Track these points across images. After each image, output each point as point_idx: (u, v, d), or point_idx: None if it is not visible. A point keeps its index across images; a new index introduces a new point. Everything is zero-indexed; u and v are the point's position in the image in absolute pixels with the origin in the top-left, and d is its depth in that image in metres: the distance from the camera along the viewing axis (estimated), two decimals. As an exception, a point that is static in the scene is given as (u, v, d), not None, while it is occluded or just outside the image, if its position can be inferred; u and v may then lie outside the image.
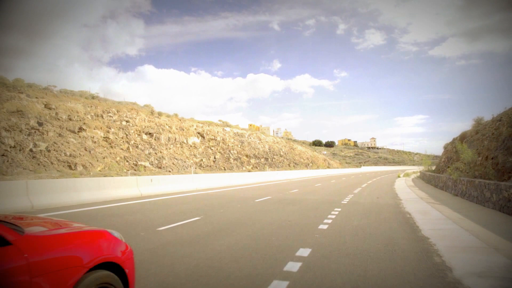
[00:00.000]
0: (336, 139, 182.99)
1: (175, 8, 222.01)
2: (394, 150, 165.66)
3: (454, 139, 32.02)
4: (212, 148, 45.95)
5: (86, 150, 26.94)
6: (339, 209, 10.59)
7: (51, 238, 2.14)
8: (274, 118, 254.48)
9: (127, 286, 2.54)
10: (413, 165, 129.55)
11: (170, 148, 39.06)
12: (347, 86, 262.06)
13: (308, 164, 65.20)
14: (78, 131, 28.47)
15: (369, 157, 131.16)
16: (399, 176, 36.24)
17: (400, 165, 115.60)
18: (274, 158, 56.93)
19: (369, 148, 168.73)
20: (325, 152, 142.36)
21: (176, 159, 37.75)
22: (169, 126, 40.78)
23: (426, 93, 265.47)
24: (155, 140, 37.25)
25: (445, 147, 35.35)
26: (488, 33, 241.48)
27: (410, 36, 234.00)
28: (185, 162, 38.91)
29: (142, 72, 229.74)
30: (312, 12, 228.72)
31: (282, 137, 65.77)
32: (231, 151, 48.51)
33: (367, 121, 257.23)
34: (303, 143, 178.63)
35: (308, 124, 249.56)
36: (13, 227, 2.00)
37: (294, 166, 60.35)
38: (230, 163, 46.91)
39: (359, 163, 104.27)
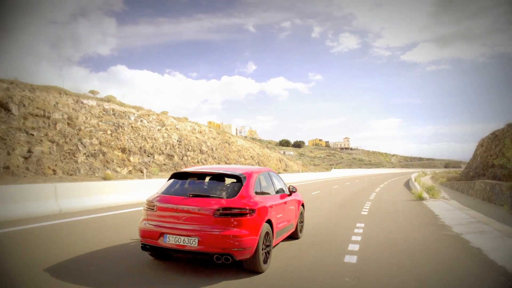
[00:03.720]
0: (307, 140, 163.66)
1: (149, 7, 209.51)
2: (370, 151, 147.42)
3: None
4: (31, 132, 22.51)
5: None
6: None
7: (297, 194, 6.64)
8: (249, 120, 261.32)
9: (303, 210, 7.19)
10: (393, 167, 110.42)
11: None
12: (321, 89, 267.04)
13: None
14: None
15: (342, 158, 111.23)
16: (422, 198, 14.05)
17: (378, 167, 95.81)
18: (188, 156, 34.12)
19: (342, 148, 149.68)
20: (291, 153, 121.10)
21: None
22: None
23: (399, 97, 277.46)
24: None
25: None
26: (457, 39, 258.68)
27: (383, 41, 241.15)
28: None
29: (115, 72, 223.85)
30: (287, 16, 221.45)
31: (211, 128, 42.57)
32: (85, 140, 25.23)
33: (341, 124, 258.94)
34: (269, 143, 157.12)
35: (282, 127, 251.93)
36: (294, 189, 6.27)
37: (225, 169, 37.88)
38: (76, 162, 23.66)
39: (330, 165, 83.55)
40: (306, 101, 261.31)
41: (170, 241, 4.21)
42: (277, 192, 5.62)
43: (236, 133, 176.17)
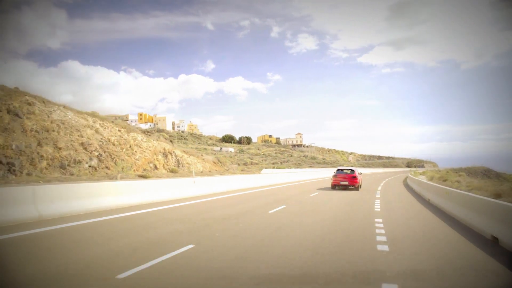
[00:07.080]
0: (256, 137, 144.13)
1: (102, 0, 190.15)
2: (324, 148, 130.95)
3: None
4: None
5: None
6: None
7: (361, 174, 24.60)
8: (207, 120, 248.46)
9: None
10: (352, 166, 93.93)
11: None
12: (280, 90, 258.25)
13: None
14: None
15: (291, 156, 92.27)
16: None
17: (334, 166, 78.14)
18: None
19: (294, 145, 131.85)
20: (231, 149, 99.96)
21: None
22: None
23: (355, 99, 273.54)
24: None
25: None
26: (410, 43, 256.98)
27: (340, 43, 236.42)
28: None
29: (66, 67, 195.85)
30: (246, 15, 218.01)
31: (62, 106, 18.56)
32: None
33: (299, 124, 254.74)
34: (210, 138, 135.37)
35: (241, 127, 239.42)
36: (361, 172, 25.13)
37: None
38: None
39: (272, 163, 63.83)
40: (264, 101, 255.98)
41: (342, 182, 21.40)
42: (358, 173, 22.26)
43: (173, 127, 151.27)
